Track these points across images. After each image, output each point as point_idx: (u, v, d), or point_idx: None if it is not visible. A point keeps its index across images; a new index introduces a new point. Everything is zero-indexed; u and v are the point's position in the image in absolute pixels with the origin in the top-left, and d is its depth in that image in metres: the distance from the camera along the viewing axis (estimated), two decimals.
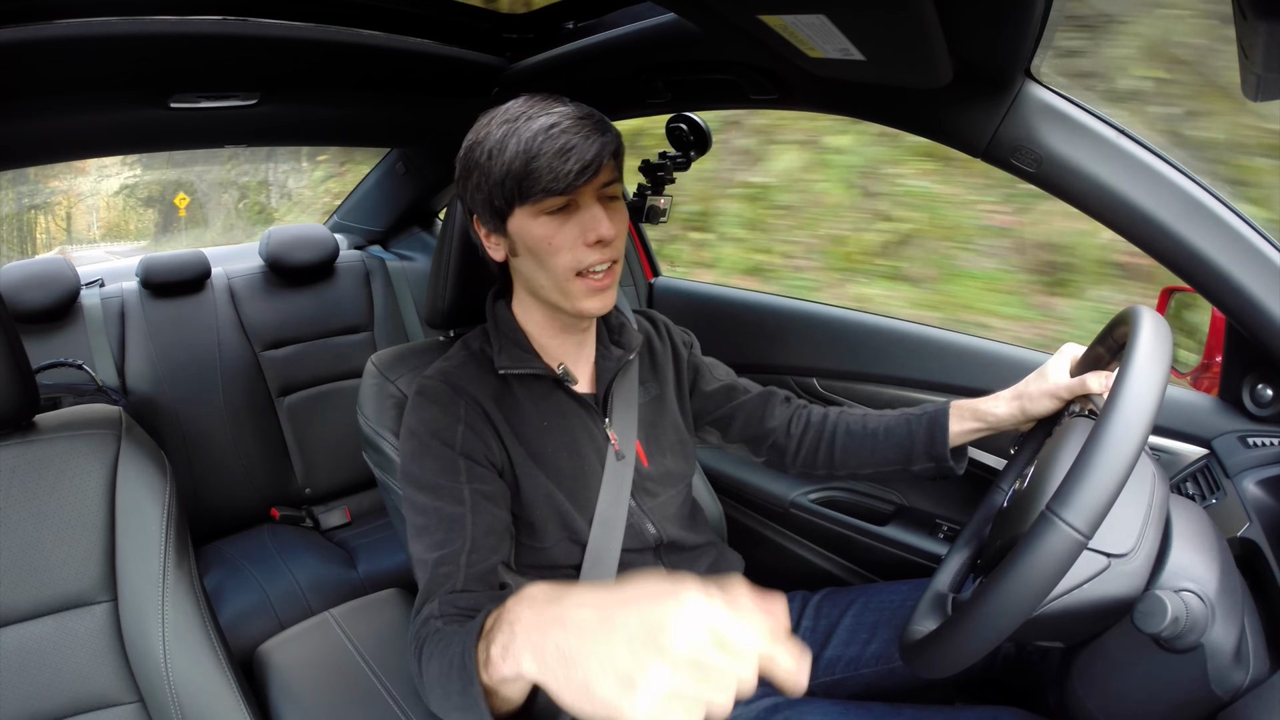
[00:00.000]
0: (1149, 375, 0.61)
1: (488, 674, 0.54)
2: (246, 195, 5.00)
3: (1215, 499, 0.86)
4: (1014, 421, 0.91)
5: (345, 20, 1.10)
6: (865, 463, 1.00)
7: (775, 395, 1.07)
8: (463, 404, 0.84)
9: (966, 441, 0.95)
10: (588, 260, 0.80)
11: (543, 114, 0.76)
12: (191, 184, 4.48)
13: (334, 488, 1.93)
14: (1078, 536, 0.57)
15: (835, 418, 1.03)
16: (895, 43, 0.73)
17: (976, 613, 0.61)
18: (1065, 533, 0.57)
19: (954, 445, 0.94)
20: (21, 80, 1.01)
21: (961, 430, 0.94)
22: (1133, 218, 0.84)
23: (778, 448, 1.05)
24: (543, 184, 0.75)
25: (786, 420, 1.04)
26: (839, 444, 1.01)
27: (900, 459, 0.97)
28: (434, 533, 0.78)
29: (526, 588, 0.52)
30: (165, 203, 4.44)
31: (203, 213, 4.47)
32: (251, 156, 4.71)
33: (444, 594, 0.74)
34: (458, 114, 1.19)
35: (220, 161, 4.53)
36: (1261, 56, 0.56)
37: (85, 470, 0.87)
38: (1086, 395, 0.85)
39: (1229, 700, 0.64)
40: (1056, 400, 0.88)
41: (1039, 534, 0.58)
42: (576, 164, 0.74)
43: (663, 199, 1.35)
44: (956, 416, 0.94)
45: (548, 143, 0.74)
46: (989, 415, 0.92)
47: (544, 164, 0.74)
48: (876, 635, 0.98)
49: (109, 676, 0.85)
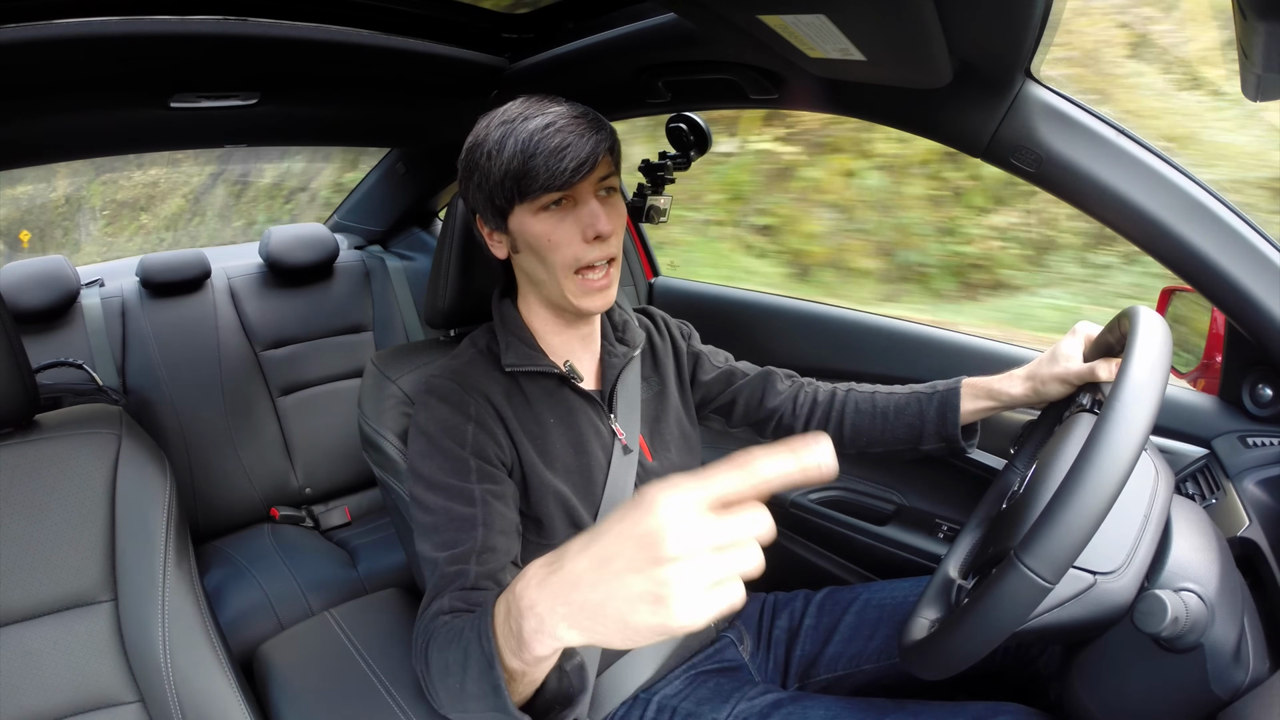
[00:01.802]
0: (1133, 413, 0.61)
1: (520, 659, 0.54)
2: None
3: (1215, 499, 0.86)
4: (1027, 401, 0.92)
5: (345, 20, 1.10)
6: (875, 441, 1.00)
7: (774, 374, 1.06)
8: (473, 402, 0.84)
9: (978, 419, 0.95)
10: (587, 256, 0.81)
11: (539, 114, 0.78)
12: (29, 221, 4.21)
13: (334, 488, 1.93)
14: (1042, 584, 0.58)
15: (844, 395, 1.03)
16: (895, 43, 0.73)
17: (952, 632, 0.63)
18: (1029, 579, 0.58)
19: (965, 424, 0.94)
20: (21, 80, 1.01)
21: (974, 409, 0.94)
22: (1133, 218, 0.84)
23: (784, 427, 1.04)
24: (540, 181, 0.77)
25: (791, 398, 1.04)
26: (848, 422, 1.01)
27: (911, 438, 0.97)
28: (443, 532, 0.78)
29: (523, 572, 0.52)
30: (11, 235, 4.22)
31: (41, 245, 4.23)
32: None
33: (455, 590, 0.74)
34: (458, 114, 1.19)
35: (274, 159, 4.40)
36: (1261, 56, 0.56)
37: (85, 470, 0.87)
38: (1095, 384, 0.85)
39: (1229, 700, 0.64)
40: (1067, 385, 0.88)
41: (1003, 577, 0.60)
42: (572, 160, 0.76)
43: (663, 199, 1.35)
44: (969, 395, 0.94)
45: (544, 141, 0.76)
46: (1003, 394, 0.92)
47: (541, 161, 0.76)
48: (878, 632, 0.99)
49: (109, 676, 0.85)
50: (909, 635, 0.76)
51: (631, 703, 0.91)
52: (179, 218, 4.55)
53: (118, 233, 4.48)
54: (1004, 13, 0.69)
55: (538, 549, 0.89)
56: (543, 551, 0.89)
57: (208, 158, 4.07)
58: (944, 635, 0.65)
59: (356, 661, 0.98)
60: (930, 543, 1.26)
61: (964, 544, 0.88)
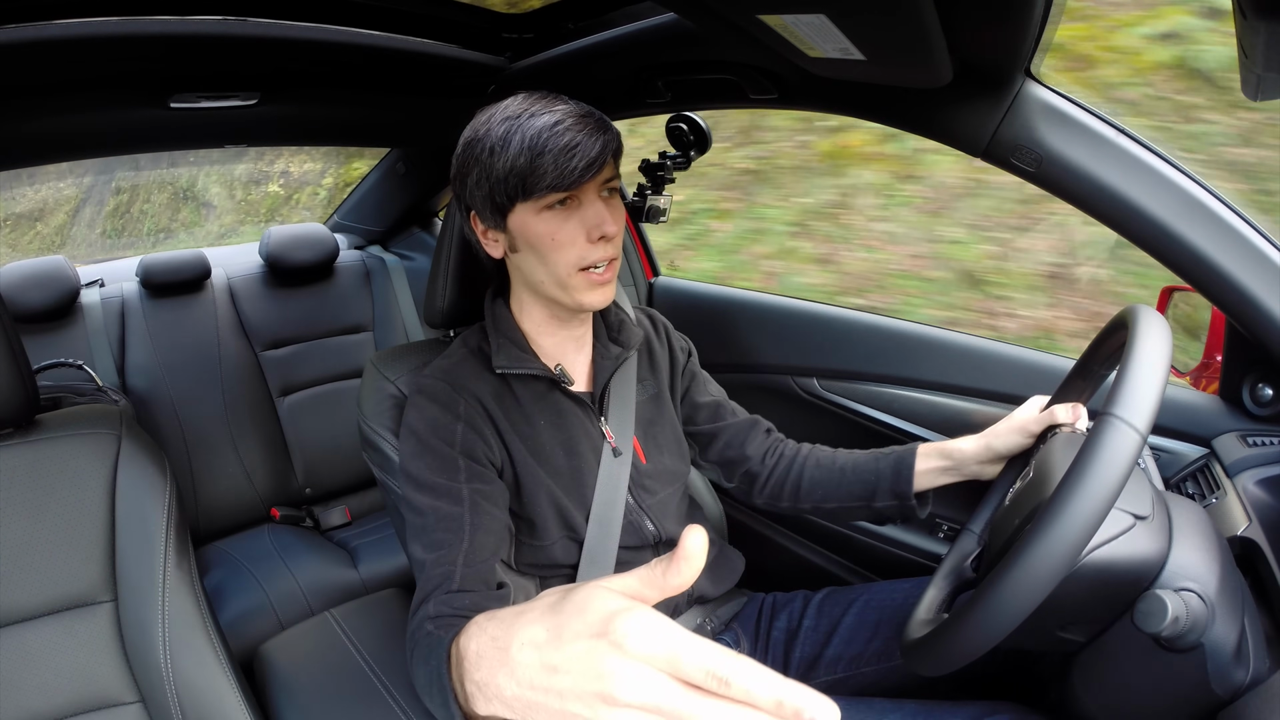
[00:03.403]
0: (1136, 408, 0.60)
1: (473, 709, 0.49)
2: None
3: (1215, 498, 0.86)
4: (979, 458, 0.92)
5: (345, 20, 1.10)
6: (829, 496, 1.01)
7: (760, 424, 1.08)
8: (462, 402, 0.84)
9: (933, 482, 0.95)
10: (591, 256, 0.80)
11: (545, 111, 0.77)
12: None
13: (334, 487, 1.93)
14: (1137, 435, 0.58)
15: (807, 452, 1.05)
16: (895, 42, 0.73)
17: (963, 620, 0.62)
18: (1126, 431, 0.58)
19: (920, 485, 0.95)
20: (21, 80, 1.01)
21: (927, 468, 0.94)
22: (1133, 217, 0.84)
23: (750, 475, 1.06)
24: (548, 180, 0.76)
25: (763, 451, 1.05)
26: (806, 475, 1.02)
27: (865, 495, 0.98)
28: (432, 532, 0.78)
29: (475, 624, 0.49)
30: None
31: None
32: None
33: (440, 594, 0.73)
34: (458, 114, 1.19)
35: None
36: (1261, 56, 0.56)
37: (85, 470, 0.87)
38: (1056, 425, 0.85)
39: (1229, 699, 0.64)
40: (1025, 435, 0.89)
41: (1101, 436, 0.59)
42: (582, 161, 0.75)
43: (663, 199, 1.35)
44: (923, 456, 0.95)
45: (553, 139, 0.75)
46: (954, 453, 0.93)
47: (549, 161, 0.75)
48: (878, 633, 0.98)
49: (110, 676, 0.85)
50: (911, 632, 0.76)
51: None
52: (64, 227, 4.96)
53: (18, 239, 4.85)
54: (1004, 13, 0.69)
55: (531, 550, 0.89)
56: (535, 553, 0.90)
57: (87, 169, 4.39)
58: (953, 624, 0.64)
59: (357, 661, 0.98)
60: (930, 542, 1.26)
61: (965, 543, 0.88)
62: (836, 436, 1.17)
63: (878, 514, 0.98)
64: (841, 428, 1.39)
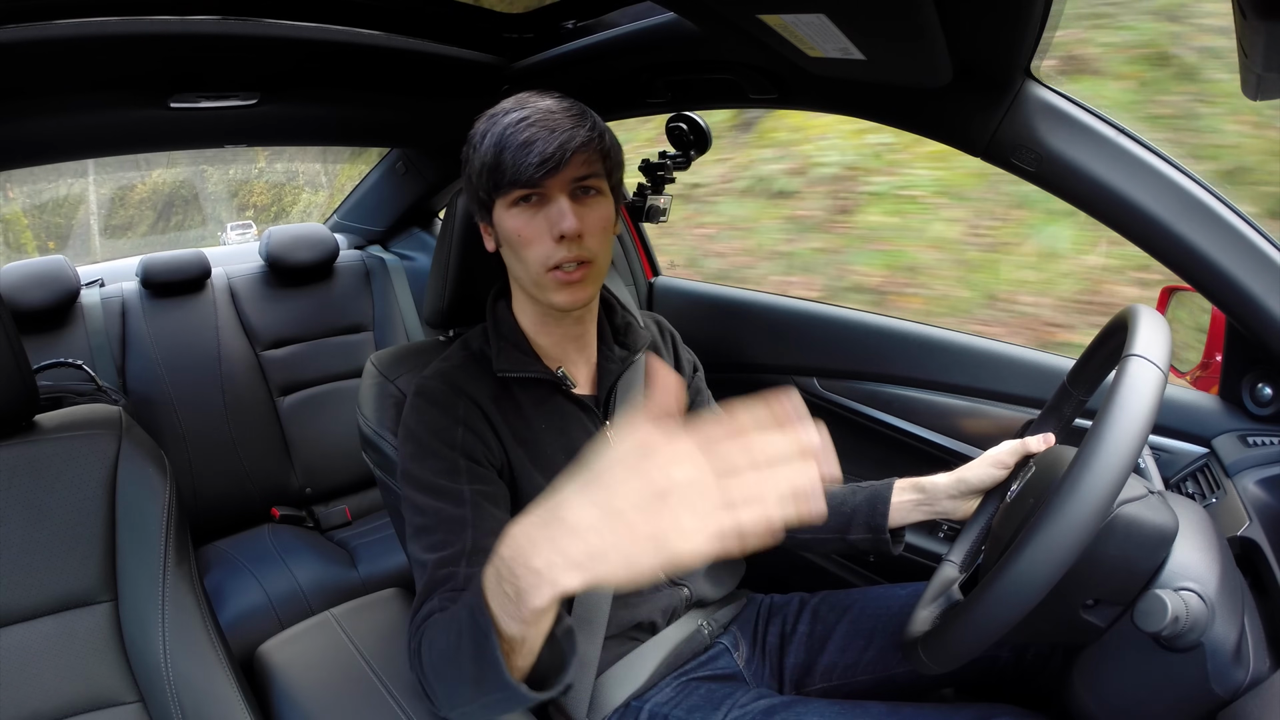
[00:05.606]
0: (1135, 406, 0.61)
1: (518, 618, 0.53)
2: None
3: (1215, 498, 0.86)
4: (949, 491, 0.91)
5: (345, 20, 1.10)
6: (803, 526, 0.99)
7: None
8: (462, 405, 0.84)
9: (907, 517, 0.95)
10: (556, 256, 0.80)
11: (519, 109, 0.79)
12: None
13: (334, 487, 1.93)
14: (1158, 369, 0.61)
15: None
16: (895, 42, 0.73)
17: (971, 608, 0.61)
18: (1148, 366, 0.61)
19: (895, 519, 0.94)
20: (21, 80, 1.01)
21: (901, 501, 0.94)
22: (1133, 217, 0.84)
23: None
24: (508, 175, 0.77)
25: None
26: None
27: (839, 527, 0.97)
28: (434, 533, 0.78)
29: (511, 534, 0.50)
30: None
31: None
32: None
33: (444, 592, 0.73)
34: (458, 114, 1.19)
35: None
36: (1261, 56, 0.56)
37: (85, 470, 0.87)
38: (1030, 456, 0.85)
39: (1229, 699, 0.64)
40: (998, 467, 0.88)
41: (1125, 373, 0.61)
42: (537, 156, 0.75)
43: (663, 198, 1.35)
44: (899, 489, 0.95)
45: (513, 135, 0.77)
46: (928, 486, 0.93)
47: (509, 156, 0.77)
48: (873, 642, 0.97)
49: (109, 676, 0.85)
50: (912, 630, 0.76)
51: (624, 711, 0.90)
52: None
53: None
54: (1004, 12, 0.69)
55: None
56: None
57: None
58: (960, 614, 0.63)
59: (357, 661, 0.98)
60: (930, 542, 1.26)
61: (965, 542, 0.88)
62: (836, 436, 1.16)
63: (851, 546, 0.97)
64: (841, 428, 1.39)
